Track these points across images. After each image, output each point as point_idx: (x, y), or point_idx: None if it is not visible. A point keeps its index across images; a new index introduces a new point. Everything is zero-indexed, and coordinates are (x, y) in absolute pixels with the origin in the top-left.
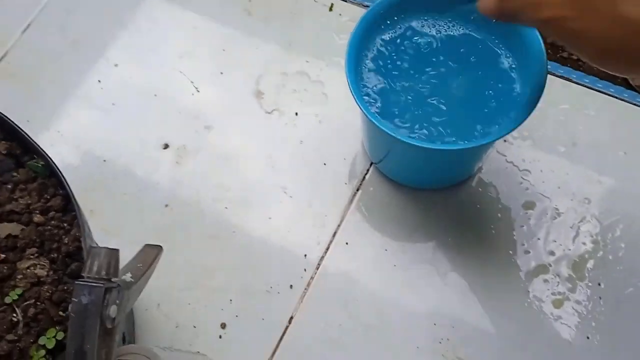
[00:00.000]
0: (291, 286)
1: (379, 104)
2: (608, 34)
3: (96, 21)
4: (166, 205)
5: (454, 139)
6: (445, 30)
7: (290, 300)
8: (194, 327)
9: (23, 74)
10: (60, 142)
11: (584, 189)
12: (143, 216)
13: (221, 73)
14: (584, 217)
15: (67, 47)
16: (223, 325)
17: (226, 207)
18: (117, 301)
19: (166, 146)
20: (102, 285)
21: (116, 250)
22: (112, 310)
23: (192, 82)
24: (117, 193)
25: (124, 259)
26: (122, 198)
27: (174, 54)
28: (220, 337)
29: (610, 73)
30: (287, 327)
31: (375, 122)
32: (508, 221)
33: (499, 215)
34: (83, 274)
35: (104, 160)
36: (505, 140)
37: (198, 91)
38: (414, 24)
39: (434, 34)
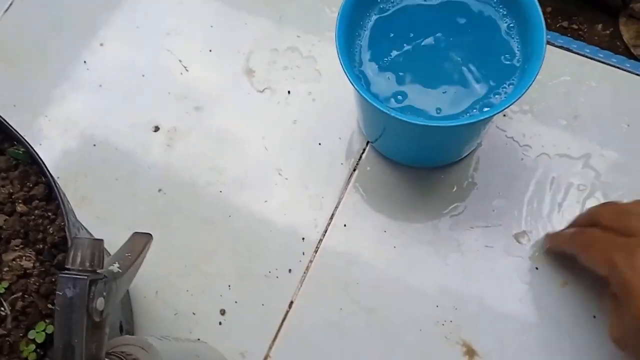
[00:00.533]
0: (290, 270)
1: (372, 80)
2: None
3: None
4: (159, 190)
5: (450, 114)
6: None
7: (290, 284)
8: (193, 314)
9: (7, 57)
10: (48, 126)
11: (587, 163)
12: (136, 201)
13: (210, 51)
14: (588, 192)
15: (51, 27)
16: (222, 312)
17: (221, 191)
18: (104, 293)
19: (157, 128)
20: (86, 277)
21: (100, 240)
22: (99, 302)
23: (180, 60)
24: (109, 178)
25: (118, 245)
26: (114, 183)
27: (161, 32)
28: (220, 323)
29: None
30: (287, 312)
31: (369, 99)
32: (510, 199)
33: (499, 192)
34: (67, 266)
35: (94, 145)
36: (504, 115)
37: (187, 70)
38: None
39: (430, 2)
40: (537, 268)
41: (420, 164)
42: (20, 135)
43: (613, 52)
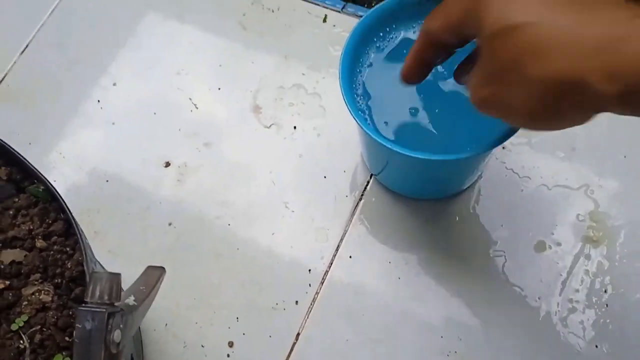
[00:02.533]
0: (297, 302)
1: (374, 116)
2: (528, 101)
3: (94, 40)
4: (170, 224)
5: (451, 148)
6: None
7: (297, 316)
8: (202, 346)
9: (23, 96)
10: (62, 163)
11: (586, 194)
12: (147, 236)
13: (219, 89)
14: (588, 222)
15: (66, 67)
16: (230, 344)
17: (229, 224)
18: (121, 325)
19: (167, 164)
20: (104, 310)
21: (118, 275)
22: (117, 335)
23: (190, 98)
24: (121, 213)
25: (130, 278)
26: (126, 218)
27: (172, 71)
28: (228, 355)
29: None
30: (294, 344)
31: (371, 135)
32: (512, 230)
33: (502, 224)
34: (86, 300)
35: (107, 181)
36: (503, 147)
37: (197, 107)
38: (406, 33)
39: None
40: (539, 298)
41: (422, 195)
42: (41, 174)
43: None
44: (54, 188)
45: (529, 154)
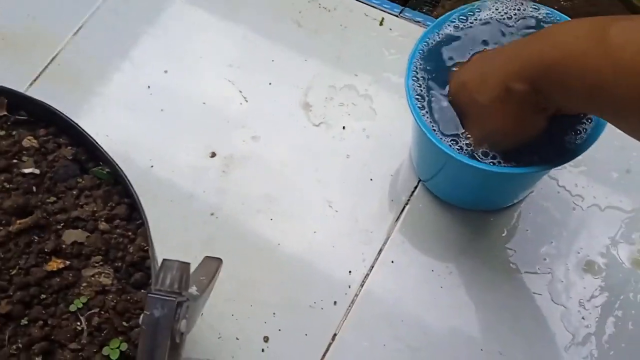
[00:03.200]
0: (335, 302)
1: (435, 122)
2: (495, 121)
3: (147, 28)
4: (212, 214)
5: (510, 162)
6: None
7: (334, 317)
8: (237, 339)
9: (73, 77)
10: (108, 146)
11: (638, 216)
12: (188, 224)
13: (270, 84)
14: (638, 247)
15: (117, 51)
16: (266, 339)
17: (271, 219)
18: (187, 315)
19: (213, 154)
20: (174, 299)
21: (188, 264)
22: (183, 324)
23: (240, 91)
24: (164, 199)
25: None
26: (168, 205)
27: (224, 63)
28: (262, 350)
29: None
30: (330, 344)
31: (435, 141)
32: (560, 248)
33: (551, 241)
34: (155, 287)
35: (152, 166)
36: None
37: (246, 101)
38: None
39: (509, 24)
40: (583, 318)
41: (472, 206)
42: (110, 157)
43: None
44: (123, 172)
45: (583, 173)
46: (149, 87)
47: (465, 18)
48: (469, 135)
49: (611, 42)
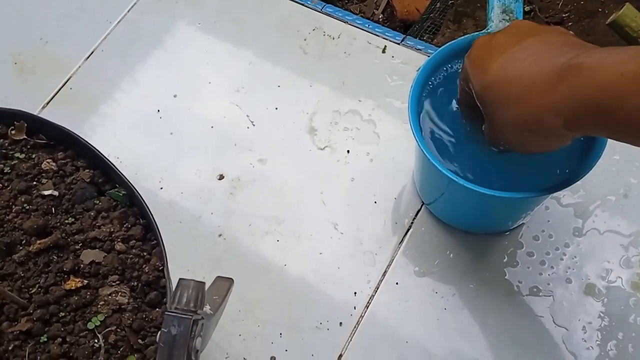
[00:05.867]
0: (340, 323)
1: (436, 147)
2: (515, 134)
3: (156, 53)
4: (219, 235)
5: (511, 185)
6: None
7: (340, 337)
8: (244, 359)
9: (85, 100)
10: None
11: (636, 241)
12: (197, 245)
13: (276, 108)
14: (636, 270)
15: (128, 76)
16: (273, 359)
17: (278, 240)
18: (201, 333)
19: (221, 177)
20: (190, 317)
21: (203, 283)
22: (198, 342)
23: (247, 115)
24: (173, 221)
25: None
26: (177, 226)
27: (231, 88)
28: None
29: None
30: None
31: (437, 165)
32: (562, 270)
33: (552, 267)
34: (171, 305)
35: (161, 188)
36: None
37: (253, 125)
38: None
39: None
40: (584, 340)
41: (474, 229)
42: (126, 179)
43: None
44: (139, 194)
45: (581, 197)
46: (158, 110)
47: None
48: (484, 131)
49: None
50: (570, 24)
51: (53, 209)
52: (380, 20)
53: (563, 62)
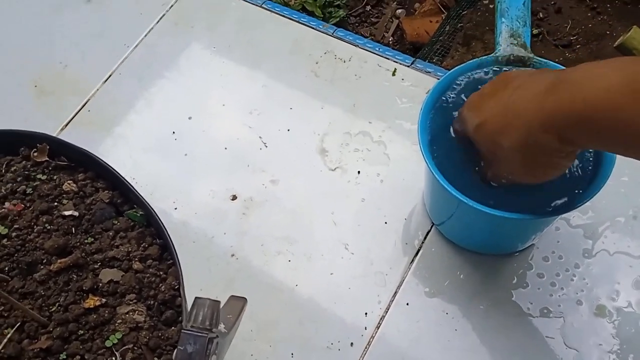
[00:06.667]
0: (352, 344)
1: (445, 168)
2: (516, 163)
3: (172, 76)
4: (232, 255)
5: (520, 207)
6: None
7: (351, 358)
8: None
9: (102, 122)
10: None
11: None
12: (210, 264)
13: (288, 130)
14: None
15: (144, 98)
16: None
17: (289, 260)
18: (216, 351)
19: (234, 197)
20: (206, 335)
21: (218, 302)
22: None
23: (260, 137)
24: (187, 241)
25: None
26: (191, 246)
27: (245, 110)
28: None
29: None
30: None
31: (446, 186)
32: (572, 292)
33: (563, 287)
34: (187, 324)
35: (175, 208)
36: None
37: (266, 146)
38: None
39: None
40: None
41: (484, 250)
42: (145, 201)
43: None
44: (156, 214)
45: (590, 219)
46: (173, 132)
47: (473, 72)
48: (487, 172)
49: None
50: (578, 46)
51: (73, 229)
52: (390, 43)
53: (550, 80)
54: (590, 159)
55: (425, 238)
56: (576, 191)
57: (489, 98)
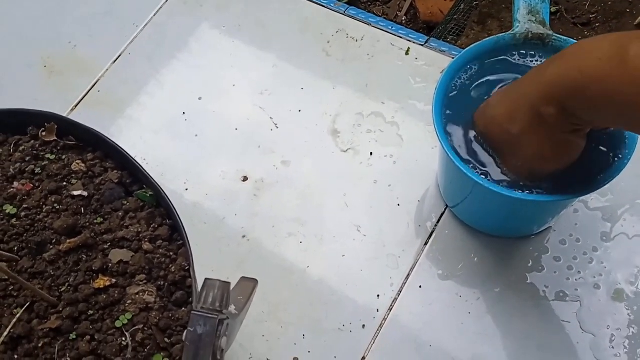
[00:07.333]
0: (364, 326)
1: (460, 149)
2: (531, 148)
3: (182, 56)
4: (243, 236)
5: (538, 189)
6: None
7: (362, 340)
8: (267, 359)
9: (112, 102)
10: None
11: None
12: (221, 245)
13: (299, 110)
14: None
15: (154, 78)
16: None
17: (301, 242)
18: (227, 333)
19: (245, 178)
20: (216, 316)
21: (228, 284)
22: (223, 341)
23: (271, 118)
24: (198, 222)
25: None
26: (202, 227)
27: (255, 91)
28: None
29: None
30: None
31: (462, 167)
32: (589, 275)
33: (580, 270)
34: (197, 305)
35: (187, 189)
36: None
37: (277, 127)
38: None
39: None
40: (612, 347)
41: (499, 233)
42: (154, 181)
43: None
44: (166, 195)
45: (609, 201)
46: (184, 113)
47: (489, 52)
48: (506, 169)
49: (632, 64)
50: (597, 24)
51: (82, 209)
52: (404, 22)
53: (551, 58)
54: (610, 141)
55: (438, 220)
56: (595, 173)
57: (495, 98)
